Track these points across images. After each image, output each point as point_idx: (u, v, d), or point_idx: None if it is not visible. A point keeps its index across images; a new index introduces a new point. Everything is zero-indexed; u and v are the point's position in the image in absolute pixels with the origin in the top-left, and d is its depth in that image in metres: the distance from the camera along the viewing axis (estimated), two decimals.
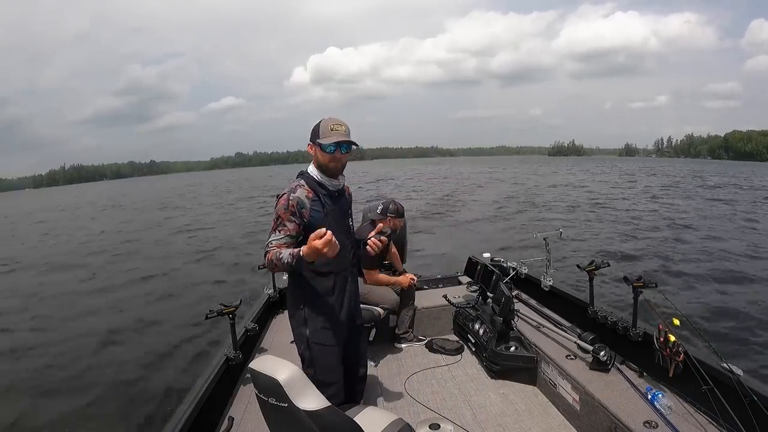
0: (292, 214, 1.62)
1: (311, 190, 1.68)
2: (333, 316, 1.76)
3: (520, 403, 2.34)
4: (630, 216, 13.43)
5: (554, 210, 15.46)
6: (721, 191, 22.06)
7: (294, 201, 1.63)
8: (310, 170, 1.73)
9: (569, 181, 30.74)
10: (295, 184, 1.69)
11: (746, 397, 1.55)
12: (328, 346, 1.74)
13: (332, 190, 1.73)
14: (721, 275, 6.86)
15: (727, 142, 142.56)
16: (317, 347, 1.73)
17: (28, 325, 6.37)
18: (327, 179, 1.71)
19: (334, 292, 1.76)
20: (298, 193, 1.65)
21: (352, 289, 1.85)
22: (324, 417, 1.07)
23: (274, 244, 1.60)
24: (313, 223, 1.63)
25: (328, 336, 1.74)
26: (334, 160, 1.67)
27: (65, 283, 9.04)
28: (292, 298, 1.79)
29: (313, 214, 1.67)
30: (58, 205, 38.17)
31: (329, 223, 1.61)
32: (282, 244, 1.60)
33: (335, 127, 1.65)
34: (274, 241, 1.61)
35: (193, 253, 11.07)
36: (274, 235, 1.62)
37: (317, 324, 1.74)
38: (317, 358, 1.74)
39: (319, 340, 1.73)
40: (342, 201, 1.81)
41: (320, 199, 1.69)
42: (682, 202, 17.19)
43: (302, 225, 1.64)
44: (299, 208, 1.63)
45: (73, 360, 4.99)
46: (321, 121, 1.68)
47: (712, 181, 28.95)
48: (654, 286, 2.14)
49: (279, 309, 3.37)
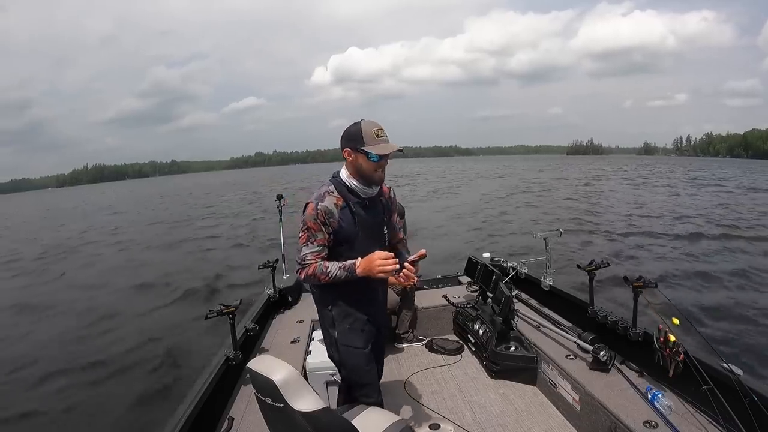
0: (322, 224, 1.55)
1: (341, 197, 1.57)
2: (361, 318, 1.71)
3: (520, 403, 2.34)
4: (630, 216, 13.38)
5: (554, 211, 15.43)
6: (721, 189, 21.97)
7: (322, 210, 1.54)
8: (342, 175, 1.60)
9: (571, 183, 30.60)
10: (324, 191, 1.58)
11: (746, 397, 1.55)
12: (356, 348, 1.70)
13: (365, 198, 1.61)
14: (721, 275, 6.83)
15: (746, 140, 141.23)
16: (345, 349, 1.70)
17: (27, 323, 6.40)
18: (361, 187, 1.59)
19: (363, 295, 1.69)
20: (326, 203, 1.55)
21: (380, 292, 1.81)
22: (319, 418, 1.07)
23: (311, 257, 1.55)
24: (341, 233, 1.57)
25: (356, 338, 1.70)
26: (380, 169, 1.55)
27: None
28: (320, 299, 1.74)
29: (342, 224, 1.57)
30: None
31: (360, 234, 1.57)
32: (318, 254, 1.55)
33: (380, 133, 1.52)
34: (310, 254, 1.55)
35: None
36: (308, 247, 1.55)
37: (344, 325, 1.69)
38: (346, 360, 1.72)
39: (346, 342, 1.70)
40: (376, 209, 1.67)
41: (350, 207, 1.58)
42: (682, 201, 17.12)
43: (331, 234, 1.57)
44: (327, 218, 1.55)
45: (72, 360, 5.01)
46: (361, 125, 1.53)
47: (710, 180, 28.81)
48: (654, 286, 2.13)
49: (279, 309, 3.37)
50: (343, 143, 1.57)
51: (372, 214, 1.65)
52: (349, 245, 1.57)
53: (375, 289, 1.74)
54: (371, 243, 1.59)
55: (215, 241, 12.62)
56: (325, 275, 1.52)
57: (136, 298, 7.40)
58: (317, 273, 1.53)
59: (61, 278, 9.71)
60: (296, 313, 3.33)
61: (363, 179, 1.57)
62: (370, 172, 1.55)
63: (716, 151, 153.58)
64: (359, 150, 1.52)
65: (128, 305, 6.97)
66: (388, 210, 1.74)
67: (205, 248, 11.55)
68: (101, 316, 6.54)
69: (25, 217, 31.02)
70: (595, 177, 34.35)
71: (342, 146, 1.57)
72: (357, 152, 1.53)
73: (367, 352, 1.73)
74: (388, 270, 1.39)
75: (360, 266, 1.50)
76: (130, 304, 7.01)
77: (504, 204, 17.30)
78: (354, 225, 1.59)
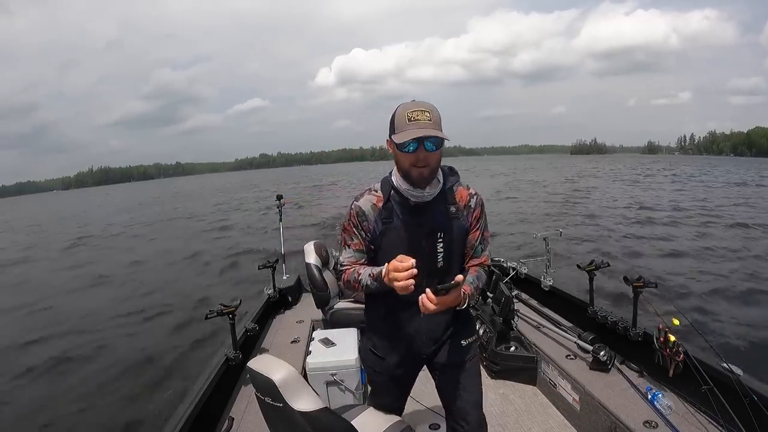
0: (355, 227, 1.33)
1: (382, 197, 1.31)
2: (384, 342, 1.46)
3: (520, 403, 2.34)
4: (630, 215, 13.37)
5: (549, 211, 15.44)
6: (721, 190, 21.97)
7: (355, 211, 1.32)
8: (393, 172, 1.33)
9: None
10: (366, 188, 1.36)
11: (746, 397, 1.55)
12: (377, 371, 1.50)
13: (414, 201, 1.28)
14: (721, 275, 6.82)
15: (749, 138, 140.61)
16: (368, 368, 1.54)
17: (23, 319, 6.41)
18: (405, 186, 1.26)
19: (393, 314, 1.40)
20: (362, 201, 1.32)
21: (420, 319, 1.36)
22: (319, 418, 1.07)
23: (347, 263, 1.37)
24: (376, 241, 1.32)
25: (378, 362, 1.48)
26: (417, 164, 1.20)
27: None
28: (364, 305, 1.56)
29: (377, 230, 1.31)
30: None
31: (400, 245, 1.26)
32: (354, 261, 1.36)
33: (415, 114, 1.17)
34: (346, 260, 1.37)
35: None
36: (345, 252, 1.37)
37: (366, 343, 1.52)
38: (371, 380, 1.57)
39: (368, 362, 1.53)
40: (430, 218, 1.30)
41: (391, 210, 1.30)
42: (682, 201, 17.11)
43: (366, 239, 1.34)
44: (360, 220, 1.32)
45: (71, 358, 5.01)
46: (398, 108, 1.23)
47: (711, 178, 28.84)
48: (654, 286, 2.13)
49: (279, 309, 3.37)
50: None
51: (421, 223, 1.30)
52: (387, 258, 1.20)
53: (408, 315, 1.37)
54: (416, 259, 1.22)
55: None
56: (356, 282, 1.32)
57: (136, 298, 7.42)
58: (351, 280, 1.34)
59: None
60: (296, 313, 3.33)
61: (403, 177, 1.27)
62: (406, 167, 1.23)
63: (720, 149, 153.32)
64: (392, 140, 1.21)
65: (128, 304, 6.98)
66: (456, 224, 1.32)
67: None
68: (100, 314, 6.54)
69: (50, 217, 31.10)
70: (595, 176, 34.41)
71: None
72: (392, 143, 1.22)
73: (387, 379, 1.49)
74: (399, 285, 1.11)
75: (385, 274, 1.19)
76: (130, 303, 7.02)
77: (503, 204, 17.30)
78: (390, 231, 1.30)
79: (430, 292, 1.13)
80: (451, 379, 1.46)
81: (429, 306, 1.14)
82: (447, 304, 1.17)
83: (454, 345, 1.44)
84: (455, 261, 1.36)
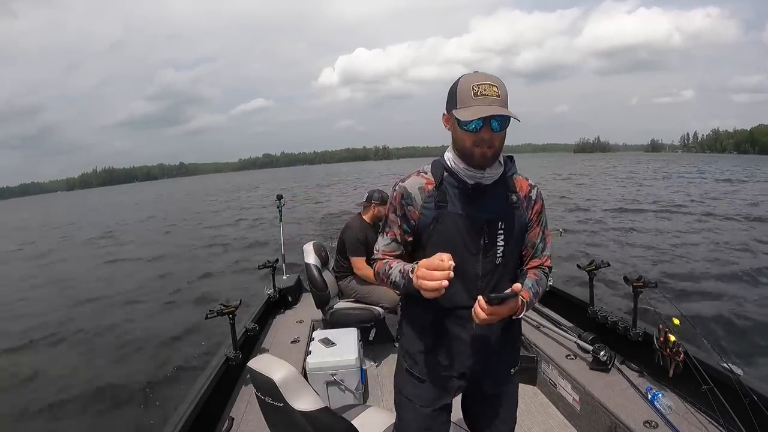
0: (395, 212, 1.15)
1: (433, 179, 1.12)
2: (423, 362, 1.20)
3: (520, 403, 2.33)
4: (630, 216, 13.38)
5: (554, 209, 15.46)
6: (722, 186, 22.00)
7: (399, 192, 1.13)
8: (446, 153, 1.15)
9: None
10: (417, 170, 1.17)
11: (746, 397, 1.55)
12: (409, 400, 1.23)
13: (471, 183, 1.10)
14: (721, 275, 6.82)
15: (752, 136, 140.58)
16: (398, 394, 1.27)
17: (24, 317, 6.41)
18: (463, 166, 1.09)
19: (436, 333, 1.17)
20: (408, 183, 1.13)
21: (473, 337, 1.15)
22: (319, 418, 1.07)
23: (381, 250, 1.18)
24: (425, 230, 1.12)
25: (412, 387, 1.22)
26: (479, 144, 1.03)
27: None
28: (400, 311, 1.34)
29: (423, 217, 1.11)
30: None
31: (451, 236, 1.09)
32: (390, 251, 1.18)
33: (482, 89, 1.01)
34: (382, 246, 1.19)
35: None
36: (382, 238, 1.19)
37: (403, 363, 1.25)
38: (398, 407, 1.28)
39: (400, 386, 1.26)
40: (489, 205, 1.12)
41: (446, 192, 1.11)
42: (682, 200, 17.11)
43: (410, 229, 1.14)
44: (405, 203, 1.12)
45: (71, 358, 5.01)
46: (460, 79, 1.05)
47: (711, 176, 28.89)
48: (654, 286, 2.13)
49: (279, 309, 3.38)
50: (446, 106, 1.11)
51: (478, 212, 1.10)
52: (438, 250, 1.00)
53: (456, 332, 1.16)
54: (468, 255, 1.09)
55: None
56: (385, 276, 1.13)
57: (135, 297, 7.42)
58: (380, 272, 1.16)
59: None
60: (296, 313, 3.33)
61: (461, 156, 1.09)
62: (467, 146, 1.05)
63: (723, 147, 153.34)
64: (454, 115, 1.04)
65: (127, 304, 6.98)
66: (517, 214, 1.14)
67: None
68: (100, 314, 6.55)
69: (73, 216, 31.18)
70: (594, 174, 34.43)
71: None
72: (453, 118, 1.06)
73: (427, 412, 1.21)
74: (429, 285, 0.93)
75: (415, 274, 1.00)
76: (129, 303, 7.02)
77: None
78: (447, 220, 1.10)
79: (483, 300, 0.98)
80: (488, 406, 1.28)
81: (481, 315, 0.98)
82: (501, 315, 1.01)
83: (503, 372, 1.26)
84: (513, 258, 1.18)
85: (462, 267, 1.04)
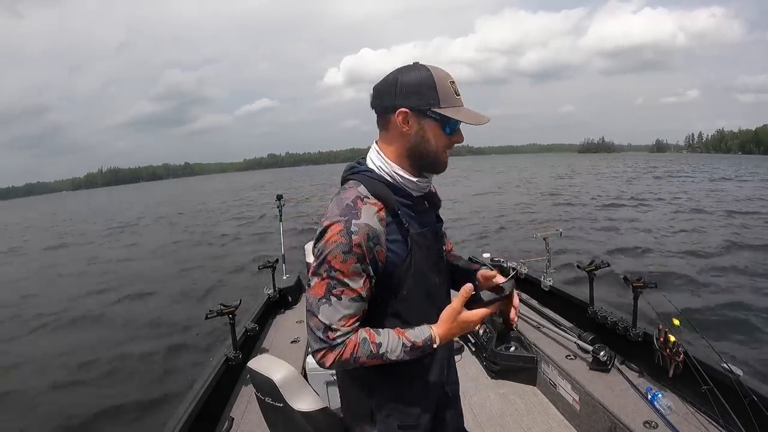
0: (360, 261, 0.86)
1: (382, 204, 0.89)
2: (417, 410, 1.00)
3: (519, 403, 2.34)
4: (630, 215, 13.38)
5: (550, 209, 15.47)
6: (722, 185, 22.01)
7: (362, 235, 0.85)
8: (374, 162, 0.94)
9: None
10: (353, 198, 0.88)
11: (746, 397, 1.55)
12: None
13: (417, 196, 0.96)
14: (721, 275, 6.82)
15: (757, 136, 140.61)
16: None
17: (24, 315, 6.41)
18: (416, 179, 0.93)
19: (428, 368, 1.01)
20: (366, 218, 0.86)
21: (449, 371, 1.09)
22: (319, 418, 1.07)
23: (344, 326, 0.87)
24: (393, 271, 0.90)
25: None
26: (450, 147, 0.93)
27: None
28: (352, 376, 1.02)
29: (391, 253, 0.89)
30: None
31: (419, 266, 0.93)
32: (354, 316, 0.88)
33: (455, 87, 0.90)
34: (343, 318, 0.87)
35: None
36: (335, 309, 0.86)
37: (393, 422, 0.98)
38: None
39: None
40: (431, 215, 1.02)
41: (401, 219, 0.90)
42: (683, 199, 17.12)
43: (376, 275, 0.89)
44: (372, 244, 0.86)
45: (70, 358, 5.01)
46: (432, 72, 0.88)
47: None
48: (654, 286, 2.13)
49: (279, 309, 3.38)
50: (394, 100, 0.88)
51: (430, 225, 0.99)
52: (419, 286, 0.93)
53: (439, 368, 1.04)
54: (431, 278, 0.97)
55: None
56: (379, 357, 0.88)
57: (135, 298, 7.42)
58: (361, 357, 0.88)
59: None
60: (296, 313, 3.33)
61: (421, 164, 0.93)
62: (439, 149, 0.91)
63: (728, 147, 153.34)
64: (430, 113, 0.87)
65: (128, 304, 6.98)
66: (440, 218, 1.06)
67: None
68: (100, 313, 6.54)
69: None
70: (595, 173, 34.46)
71: (391, 106, 0.89)
72: (425, 117, 0.88)
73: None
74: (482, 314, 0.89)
75: (440, 334, 0.89)
76: (129, 303, 7.02)
77: (503, 204, 17.32)
78: (408, 251, 0.91)
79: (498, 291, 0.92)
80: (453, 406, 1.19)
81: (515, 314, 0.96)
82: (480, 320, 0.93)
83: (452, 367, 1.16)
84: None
85: (437, 290, 0.99)
